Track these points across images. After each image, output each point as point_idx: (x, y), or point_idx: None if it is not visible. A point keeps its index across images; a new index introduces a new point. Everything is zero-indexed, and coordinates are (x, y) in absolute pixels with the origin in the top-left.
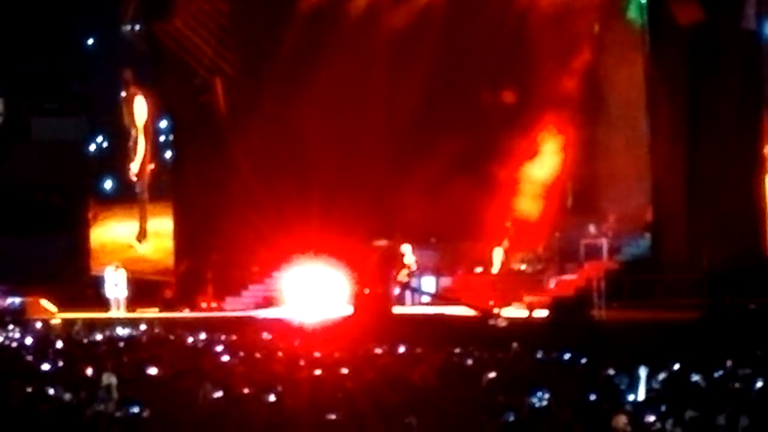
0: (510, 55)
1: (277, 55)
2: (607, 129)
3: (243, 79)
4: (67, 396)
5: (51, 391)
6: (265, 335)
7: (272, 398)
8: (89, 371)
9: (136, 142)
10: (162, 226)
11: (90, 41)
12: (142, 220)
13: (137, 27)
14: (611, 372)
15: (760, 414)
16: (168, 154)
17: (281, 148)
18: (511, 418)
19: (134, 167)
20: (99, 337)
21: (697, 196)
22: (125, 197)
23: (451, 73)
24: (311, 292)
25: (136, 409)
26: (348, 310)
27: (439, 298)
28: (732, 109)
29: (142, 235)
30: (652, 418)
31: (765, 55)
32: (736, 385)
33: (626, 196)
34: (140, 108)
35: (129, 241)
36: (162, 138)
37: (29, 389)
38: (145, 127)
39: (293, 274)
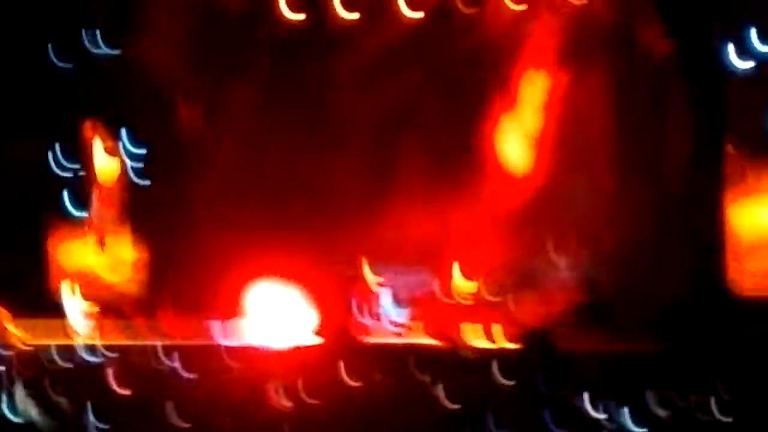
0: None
1: (244, 74)
2: (568, 156)
3: (206, 99)
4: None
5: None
6: (233, 363)
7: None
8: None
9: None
10: (124, 252)
11: (59, 61)
12: (100, 234)
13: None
14: (580, 403)
15: None
16: (132, 176)
17: (245, 169)
18: None
19: (95, 182)
20: (60, 361)
21: (661, 224)
22: (88, 218)
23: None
24: (276, 318)
25: None
26: (313, 337)
27: (405, 327)
28: (697, 136)
29: (101, 243)
30: None
31: (730, 86)
32: (699, 416)
33: (589, 223)
34: (101, 132)
35: (90, 260)
36: (127, 157)
37: None
38: (110, 144)
39: (258, 298)
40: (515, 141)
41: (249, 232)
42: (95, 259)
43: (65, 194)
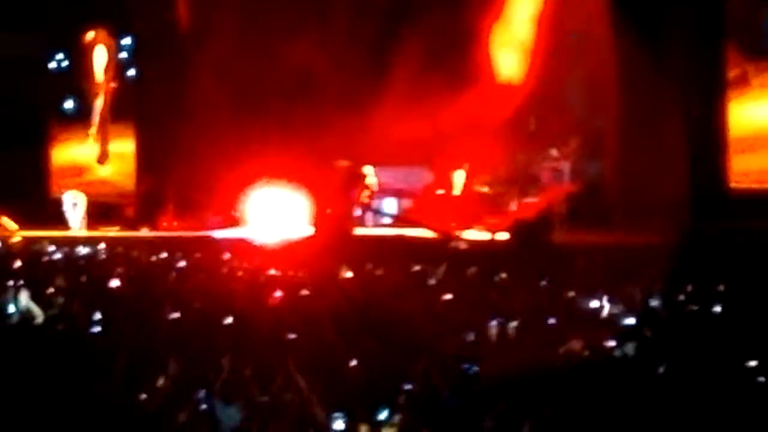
0: None
1: None
2: (569, 55)
3: None
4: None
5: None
6: (226, 255)
7: (231, 318)
8: (49, 289)
9: (97, 56)
10: (123, 148)
11: None
12: (103, 141)
13: None
14: (571, 296)
15: (716, 338)
16: (130, 73)
17: (243, 67)
18: (471, 338)
19: (94, 78)
20: (59, 255)
21: (659, 120)
22: (86, 118)
23: None
24: (272, 212)
25: (96, 329)
26: (309, 230)
27: (400, 219)
28: (695, 33)
29: (103, 157)
30: (611, 343)
31: None
32: (694, 308)
33: (589, 119)
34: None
35: (90, 162)
36: (124, 55)
37: None
38: (107, 38)
39: (255, 195)
40: (512, 41)
41: (247, 128)
42: (93, 155)
43: (64, 94)
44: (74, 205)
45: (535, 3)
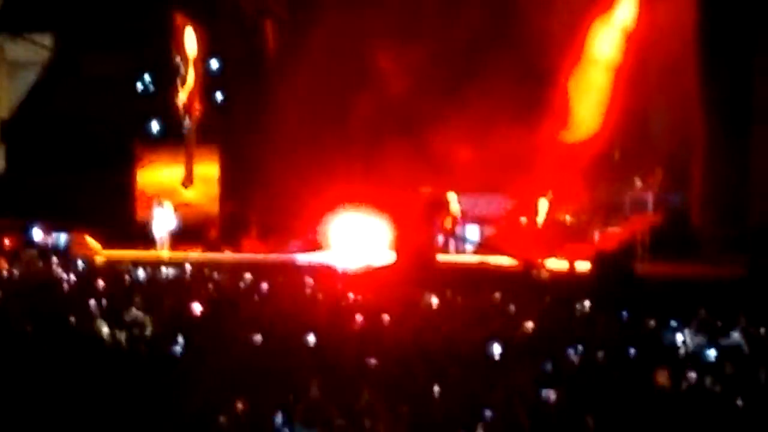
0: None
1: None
2: (654, 87)
3: (293, 22)
4: (108, 333)
5: (94, 327)
6: (308, 279)
7: (313, 340)
8: (132, 310)
9: (184, 78)
10: (207, 171)
11: None
12: (189, 164)
13: None
14: (653, 326)
15: None
16: (216, 96)
17: (328, 93)
18: (549, 367)
19: (181, 101)
20: (142, 275)
21: (743, 153)
22: (172, 139)
23: (499, 24)
24: (355, 238)
25: (177, 348)
26: (391, 257)
27: (482, 247)
28: None
29: (188, 180)
30: (693, 374)
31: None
32: None
33: (673, 151)
34: (190, 41)
35: (174, 184)
36: (210, 79)
37: (72, 324)
38: (195, 62)
39: (338, 221)
40: (599, 74)
41: (330, 154)
42: (178, 178)
43: (151, 116)
44: (164, 220)
45: (622, 35)
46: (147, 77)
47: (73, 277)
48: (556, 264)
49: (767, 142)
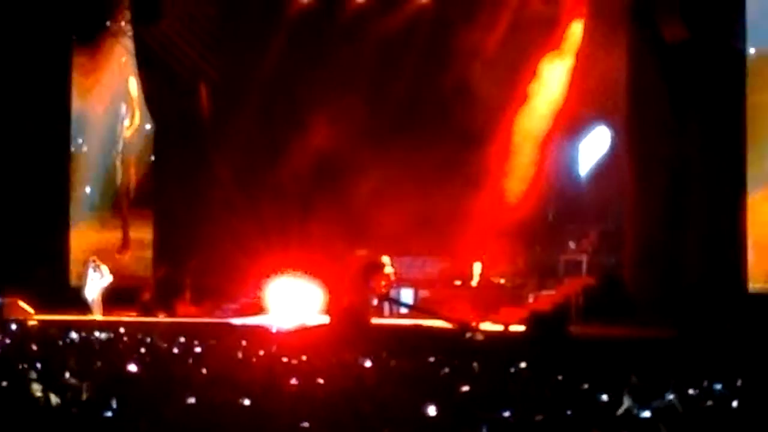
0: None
1: (263, 62)
2: (586, 148)
3: (226, 84)
4: (42, 396)
5: (26, 391)
6: (243, 342)
7: (247, 403)
8: (65, 374)
9: (117, 141)
10: (141, 234)
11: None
12: (124, 229)
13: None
14: (587, 388)
15: None
16: (149, 159)
17: (263, 156)
18: (485, 430)
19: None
20: (75, 338)
21: (679, 217)
22: (105, 203)
23: (433, 84)
24: (289, 301)
25: (109, 413)
26: (325, 319)
27: (417, 309)
28: (716, 128)
29: (124, 246)
30: None
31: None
32: (710, 403)
33: (607, 213)
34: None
35: (108, 248)
36: (144, 142)
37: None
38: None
39: (272, 284)
40: (530, 136)
41: (266, 219)
42: (112, 240)
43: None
44: (96, 272)
45: (552, 97)
46: (80, 138)
47: (7, 340)
48: (490, 326)
49: (702, 203)
